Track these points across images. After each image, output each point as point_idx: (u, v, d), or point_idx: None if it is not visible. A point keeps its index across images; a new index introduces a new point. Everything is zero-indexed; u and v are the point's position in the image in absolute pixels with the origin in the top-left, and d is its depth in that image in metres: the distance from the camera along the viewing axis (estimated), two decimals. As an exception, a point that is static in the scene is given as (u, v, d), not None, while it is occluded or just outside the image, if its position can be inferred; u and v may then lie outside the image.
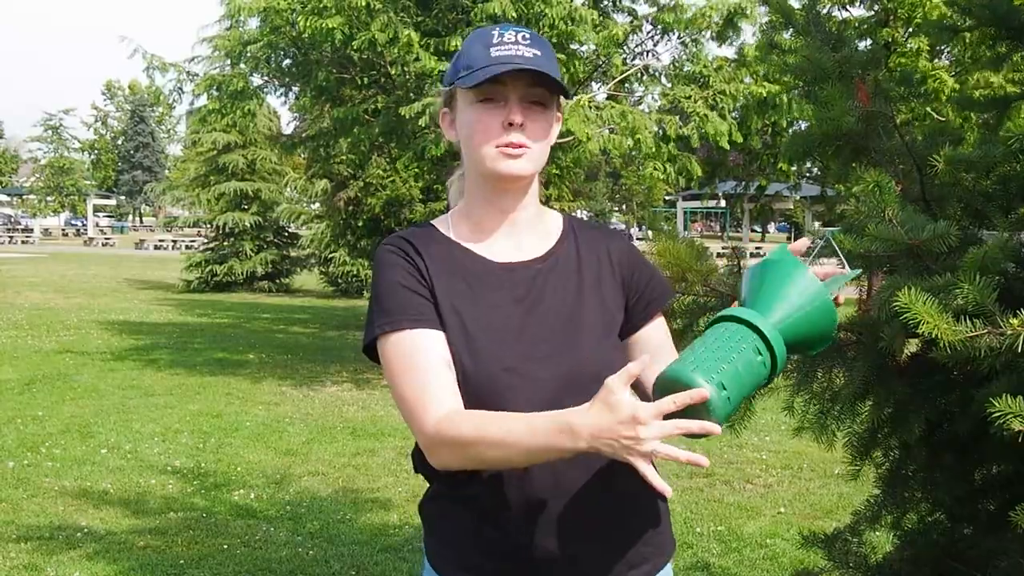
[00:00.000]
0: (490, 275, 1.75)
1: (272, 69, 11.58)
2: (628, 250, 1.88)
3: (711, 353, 1.45)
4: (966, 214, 2.12)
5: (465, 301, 1.71)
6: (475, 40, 1.72)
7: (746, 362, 1.46)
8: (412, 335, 1.66)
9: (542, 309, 1.74)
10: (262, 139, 23.69)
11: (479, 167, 1.73)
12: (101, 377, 10.52)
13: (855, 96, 2.23)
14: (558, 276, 1.78)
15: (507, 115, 1.67)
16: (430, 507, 1.80)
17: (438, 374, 1.64)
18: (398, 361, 1.66)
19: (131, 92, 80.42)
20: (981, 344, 1.61)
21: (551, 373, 1.68)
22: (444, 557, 1.75)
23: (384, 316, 1.69)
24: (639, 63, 13.10)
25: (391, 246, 1.75)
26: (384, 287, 1.71)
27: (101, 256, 39.98)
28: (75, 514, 5.65)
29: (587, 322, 1.75)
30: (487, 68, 1.65)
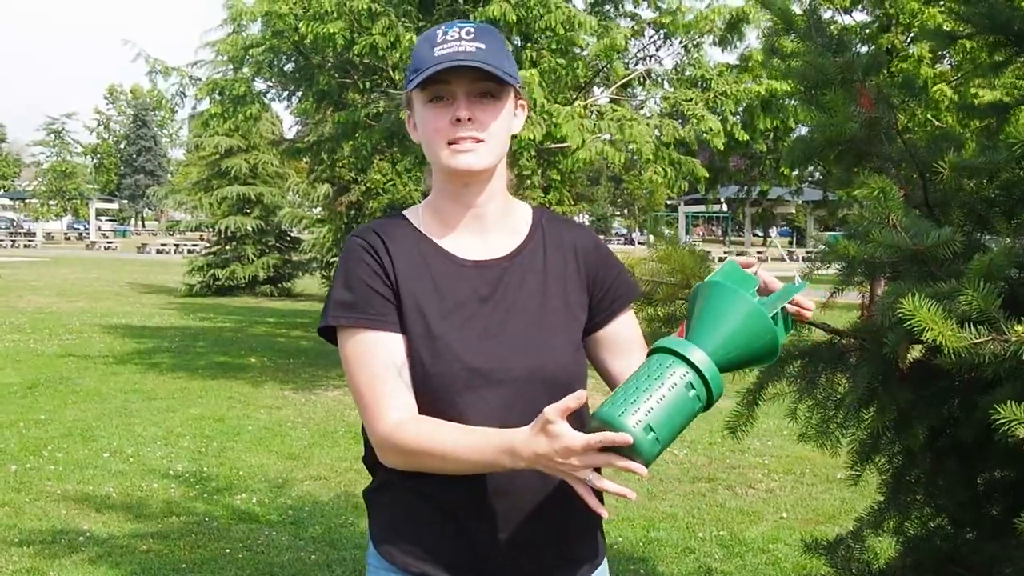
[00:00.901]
0: (457, 273, 1.77)
1: (274, 73, 11.59)
2: (595, 247, 1.89)
3: (643, 393, 1.48)
4: (969, 220, 2.12)
5: (430, 300, 1.73)
6: (422, 42, 1.74)
7: (677, 400, 1.50)
8: (370, 336, 1.70)
9: (506, 308, 1.76)
10: (265, 143, 23.71)
11: (438, 165, 1.76)
12: (103, 381, 10.52)
13: (857, 101, 2.23)
14: (524, 275, 1.80)
15: (454, 112, 1.70)
16: (379, 496, 1.83)
17: (392, 379, 1.68)
18: (356, 359, 1.71)
19: (133, 96, 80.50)
20: (985, 351, 1.61)
21: (513, 375, 1.71)
22: (395, 546, 1.76)
23: (344, 309, 1.72)
24: (641, 67, 13.11)
25: (360, 239, 1.77)
26: (349, 280, 1.74)
27: (103, 260, 40.00)
28: (77, 518, 5.65)
29: (550, 324, 1.78)
30: (429, 68, 1.68)
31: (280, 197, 25.10)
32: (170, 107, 12.22)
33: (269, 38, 10.95)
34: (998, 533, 2.10)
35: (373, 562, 1.82)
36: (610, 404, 1.49)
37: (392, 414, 1.67)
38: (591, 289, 1.85)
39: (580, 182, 20.62)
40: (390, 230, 1.79)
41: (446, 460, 1.62)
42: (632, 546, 5.25)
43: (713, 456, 7.42)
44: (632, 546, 5.25)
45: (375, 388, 1.68)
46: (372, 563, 1.83)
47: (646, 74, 13.26)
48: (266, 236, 25.02)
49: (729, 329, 1.55)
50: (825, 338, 2.22)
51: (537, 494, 1.71)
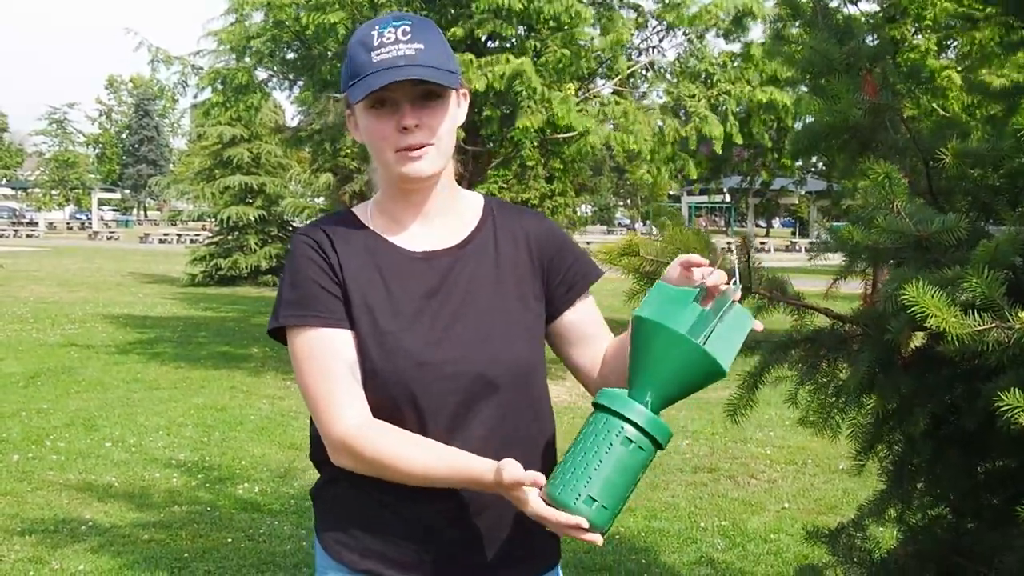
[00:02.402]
0: (405, 266, 1.74)
1: (276, 62, 11.57)
2: (548, 233, 1.85)
3: (580, 463, 1.49)
4: (973, 208, 2.11)
5: (378, 295, 1.71)
6: (357, 44, 1.70)
7: (618, 460, 1.50)
8: (320, 334, 1.68)
9: (459, 300, 1.73)
10: (267, 133, 23.68)
11: (385, 170, 1.75)
12: (105, 370, 10.53)
13: (862, 89, 2.22)
14: (475, 265, 1.77)
15: (399, 119, 1.67)
16: (327, 492, 1.79)
17: (345, 378, 1.66)
18: (306, 359, 1.69)
19: (134, 86, 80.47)
20: (989, 338, 1.60)
21: (466, 368, 1.69)
22: (341, 543, 1.74)
23: (293, 308, 1.71)
24: (644, 59, 13.07)
25: (307, 237, 1.75)
26: (296, 278, 1.72)
27: (105, 250, 40.02)
28: (79, 507, 5.66)
29: (504, 313, 1.75)
30: (369, 78, 1.65)
31: (282, 187, 25.09)
32: (172, 96, 12.21)
33: (271, 28, 10.92)
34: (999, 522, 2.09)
35: (320, 561, 1.79)
36: (552, 481, 1.50)
37: (349, 415, 1.64)
38: (547, 276, 1.82)
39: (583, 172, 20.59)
40: (337, 227, 1.77)
41: (407, 476, 1.61)
42: (634, 536, 5.25)
43: (715, 446, 7.42)
44: (634, 536, 5.25)
45: (329, 388, 1.66)
46: (319, 563, 1.79)
47: (649, 66, 13.23)
48: (268, 226, 25.01)
49: (661, 369, 1.52)
50: (827, 324, 2.22)
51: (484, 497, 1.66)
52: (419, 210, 1.78)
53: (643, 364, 1.54)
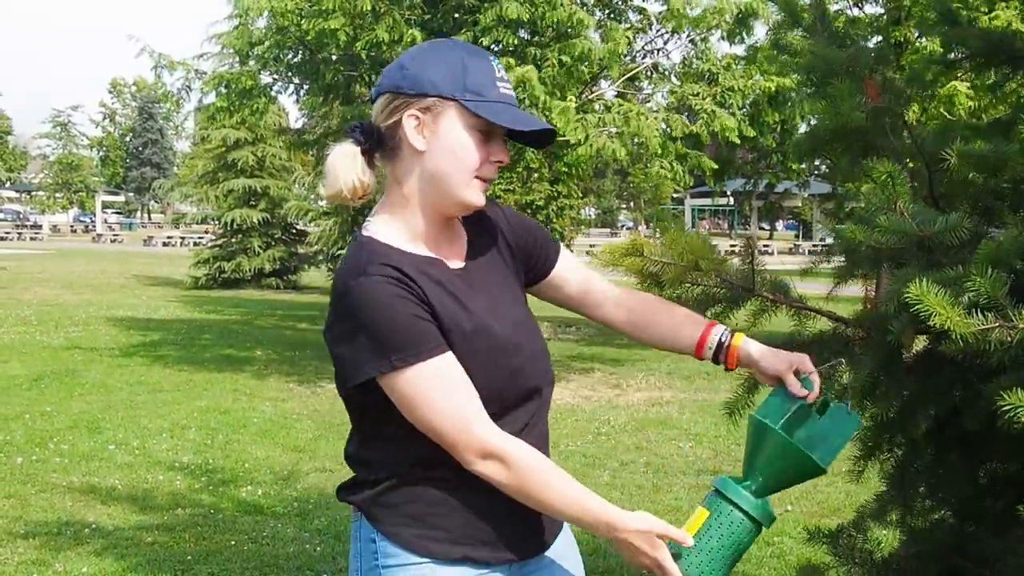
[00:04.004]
0: (459, 282, 1.80)
1: (280, 67, 11.59)
2: (508, 218, 1.97)
3: (716, 561, 1.77)
4: (975, 212, 2.11)
5: (461, 314, 1.76)
6: (476, 61, 1.76)
7: (743, 549, 1.80)
8: (434, 362, 1.69)
9: (498, 303, 1.85)
10: (271, 135, 23.71)
11: (449, 191, 1.77)
12: (109, 373, 10.54)
13: (864, 93, 2.22)
14: (486, 270, 1.89)
15: (499, 154, 1.78)
16: (391, 496, 1.80)
17: (471, 394, 1.71)
18: (433, 388, 1.68)
19: (138, 89, 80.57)
20: (992, 337, 1.60)
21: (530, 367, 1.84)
22: (431, 538, 1.77)
23: (401, 350, 1.67)
24: (648, 61, 13.08)
25: (381, 276, 1.69)
26: (392, 320, 1.68)
27: (109, 252, 40.07)
28: (83, 510, 5.67)
29: (523, 313, 1.91)
30: (507, 108, 1.75)
31: (286, 190, 25.11)
32: (175, 100, 12.22)
33: (274, 33, 10.94)
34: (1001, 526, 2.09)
35: (397, 560, 1.78)
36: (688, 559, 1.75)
37: (490, 426, 1.70)
38: (525, 258, 1.97)
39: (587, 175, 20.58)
40: (396, 259, 1.74)
41: (543, 501, 1.71)
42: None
43: (718, 449, 7.42)
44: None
45: (461, 405, 1.69)
46: (397, 563, 1.78)
47: (653, 68, 13.24)
48: (272, 229, 25.04)
49: (768, 462, 1.80)
50: (830, 327, 2.22)
51: None
52: (450, 228, 1.86)
53: (752, 462, 1.83)
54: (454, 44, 1.80)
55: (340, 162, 1.80)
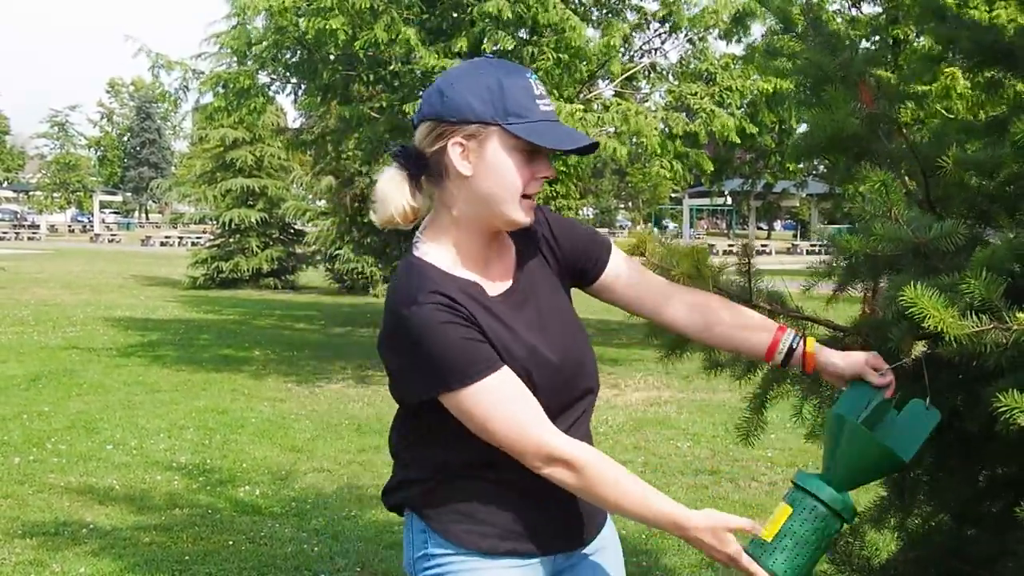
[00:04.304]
0: (504, 304, 1.86)
1: (279, 66, 11.58)
2: (557, 224, 2.00)
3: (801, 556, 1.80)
4: (971, 216, 2.11)
5: (507, 337, 1.82)
6: (514, 82, 1.79)
7: (828, 544, 1.84)
8: (497, 379, 1.76)
9: (546, 316, 1.90)
10: (269, 135, 23.71)
11: (498, 211, 1.82)
12: (107, 373, 10.53)
13: (858, 98, 2.22)
14: (534, 282, 1.93)
15: (545, 170, 1.82)
16: (443, 493, 1.87)
17: (534, 402, 1.78)
18: (495, 403, 1.75)
19: (136, 89, 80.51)
20: (987, 339, 1.61)
21: (568, 373, 1.88)
22: (480, 533, 1.84)
23: (462, 371, 1.74)
24: (646, 60, 13.09)
25: (432, 304, 1.76)
26: (446, 344, 1.75)
27: (107, 252, 40.04)
28: (80, 510, 5.66)
29: (571, 322, 1.95)
30: (549, 127, 1.78)
31: (284, 189, 25.10)
32: (173, 100, 12.22)
33: (272, 32, 10.93)
34: (1000, 529, 2.10)
35: (447, 559, 1.86)
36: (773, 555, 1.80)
37: (557, 432, 1.77)
38: (572, 262, 1.99)
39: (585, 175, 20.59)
40: (444, 284, 1.80)
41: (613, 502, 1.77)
42: (635, 539, 5.25)
43: (716, 449, 7.42)
44: (635, 539, 5.25)
45: (527, 413, 1.76)
46: (447, 561, 1.86)
47: (651, 67, 13.25)
48: (270, 229, 25.04)
49: (849, 461, 1.83)
50: (828, 335, 2.22)
51: None
52: (497, 248, 1.91)
53: (831, 458, 1.86)
54: (489, 64, 1.83)
55: (389, 189, 1.87)
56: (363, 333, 15.26)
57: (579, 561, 1.97)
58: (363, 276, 22.01)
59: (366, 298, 21.63)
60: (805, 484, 1.82)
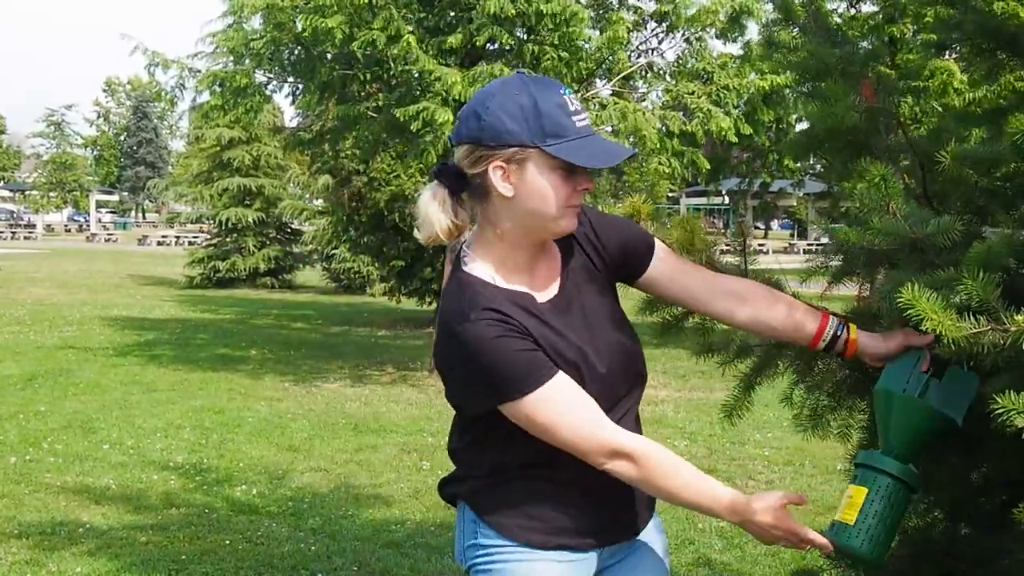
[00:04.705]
0: (553, 311, 1.91)
1: (276, 65, 11.55)
2: (600, 224, 2.02)
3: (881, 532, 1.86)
4: (968, 211, 2.11)
5: (559, 343, 1.87)
6: (548, 101, 1.82)
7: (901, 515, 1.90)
8: (555, 385, 1.81)
9: (593, 320, 1.94)
10: (266, 134, 23.69)
11: (547, 225, 1.87)
12: (103, 373, 10.52)
13: (858, 92, 2.22)
14: (580, 285, 1.97)
15: (584, 182, 1.86)
16: (495, 490, 1.93)
17: (590, 402, 1.83)
18: (556, 411, 1.81)
19: (132, 88, 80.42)
20: (984, 340, 1.60)
21: (618, 370, 1.94)
22: (532, 528, 1.90)
23: (520, 381, 1.80)
24: (643, 60, 13.08)
25: (486, 321, 1.81)
26: (503, 357, 1.80)
27: (104, 252, 40.01)
28: (77, 510, 5.65)
29: (615, 321, 1.98)
30: (587, 144, 1.82)
31: (281, 189, 25.09)
32: (170, 99, 12.18)
33: (270, 31, 10.90)
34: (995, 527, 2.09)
35: (496, 550, 1.92)
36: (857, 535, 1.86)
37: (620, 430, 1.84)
38: (616, 260, 2.01)
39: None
40: (494, 299, 1.85)
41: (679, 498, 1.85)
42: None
43: (713, 447, 7.43)
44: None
45: (589, 413, 1.82)
46: (496, 551, 1.92)
47: (648, 67, 13.24)
48: (267, 228, 25.03)
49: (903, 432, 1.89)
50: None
51: None
52: (544, 255, 1.95)
53: (887, 426, 1.91)
54: (523, 83, 1.85)
55: (432, 208, 1.91)
56: (360, 332, 15.25)
57: (627, 553, 2.04)
58: (360, 275, 22.00)
59: (363, 297, 21.62)
60: (873, 462, 1.87)
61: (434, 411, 8.58)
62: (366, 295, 21.83)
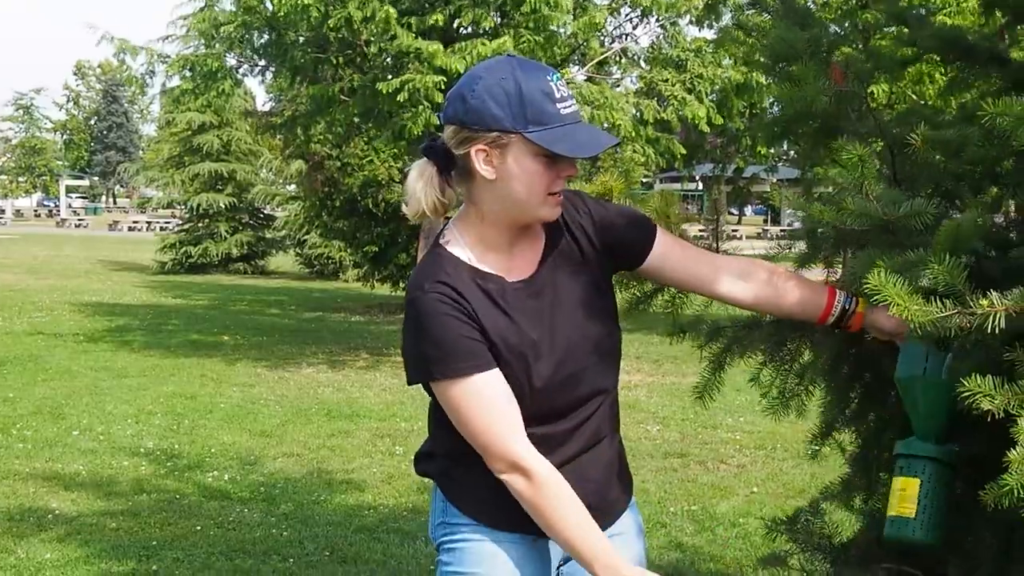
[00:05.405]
0: (518, 296, 1.90)
1: (246, 48, 11.46)
2: (598, 212, 2.01)
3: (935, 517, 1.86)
4: (937, 194, 2.12)
5: (509, 329, 1.87)
6: (533, 86, 1.81)
7: (949, 497, 1.89)
8: (480, 379, 1.82)
9: (558, 312, 1.92)
10: (238, 118, 23.53)
11: (526, 211, 1.87)
12: (73, 359, 10.43)
13: (828, 75, 2.22)
14: (560, 273, 1.95)
15: (567, 169, 1.86)
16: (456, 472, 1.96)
17: (508, 412, 1.83)
18: (472, 404, 1.83)
19: (103, 72, 79.58)
20: (951, 324, 1.61)
21: (580, 375, 1.93)
22: (496, 509, 1.91)
23: (447, 363, 1.82)
24: (617, 46, 13.08)
25: (436, 294, 1.83)
26: (441, 335, 1.82)
27: (74, 237, 39.65)
28: (46, 496, 5.61)
29: (588, 311, 1.95)
30: (570, 132, 1.81)
31: (253, 174, 24.95)
32: (140, 84, 12.08)
33: (241, 14, 10.81)
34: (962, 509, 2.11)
35: (460, 530, 1.96)
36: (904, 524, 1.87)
37: (523, 444, 1.83)
38: (613, 248, 1.99)
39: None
40: (452, 274, 1.86)
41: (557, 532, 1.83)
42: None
43: (685, 432, 7.46)
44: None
45: (498, 423, 1.83)
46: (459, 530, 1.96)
47: (622, 52, 13.24)
48: (239, 213, 24.89)
49: (932, 414, 1.89)
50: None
51: (596, 455, 1.99)
52: (523, 238, 1.94)
53: (915, 411, 1.91)
54: (510, 66, 1.84)
55: (419, 184, 1.92)
56: (334, 318, 15.20)
57: None
58: (333, 261, 21.93)
59: (336, 283, 21.55)
60: (916, 451, 1.89)
61: (408, 396, 8.57)
62: (339, 281, 21.76)
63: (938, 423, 1.88)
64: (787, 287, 2.03)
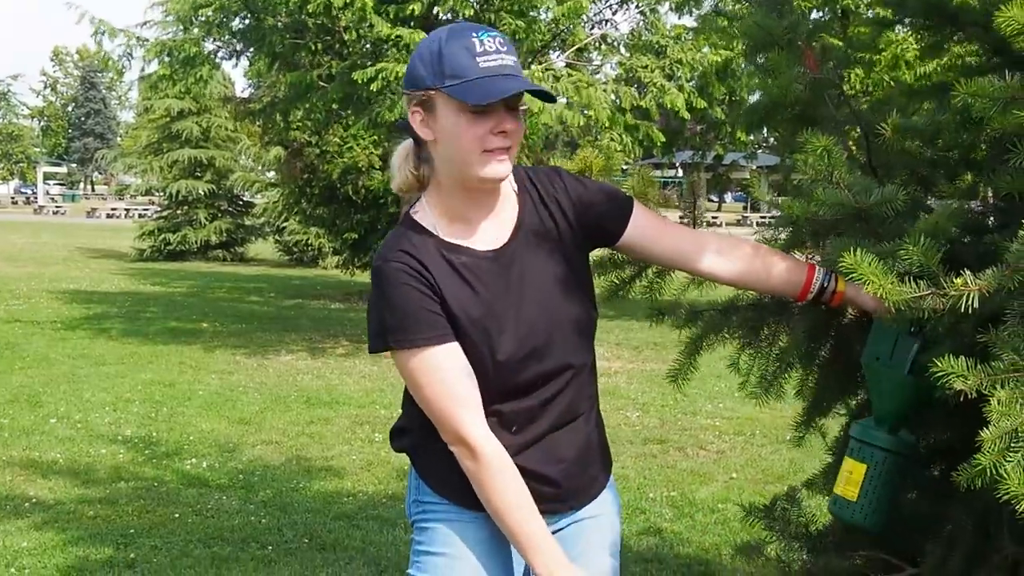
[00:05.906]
0: (484, 267, 1.89)
1: (224, 32, 11.37)
2: (575, 188, 1.99)
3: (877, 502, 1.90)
4: (912, 181, 2.13)
5: (472, 303, 1.86)
6: (455, 44, 1.80)
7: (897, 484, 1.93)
8: (434, 351, 1.83)
9: (527, 286, 1.91)
10: (216, 105, 23.38)
11: (465, 171, 1.84)
12: (51, 346, 10.37)
13: (803, 63, 2.22)
14: (531, 246, 1.94)
15: (499, 123, 1.80)
16: (427, 448, 1.96)
17: (464, 386, 1.84)
18: (427, 375, 1.84)
19: (80, 58, 78.91)
20: (925, 305, 1.62)
21: (545, 350, 1.92)
22: (465, 488, 1.89)
23: (404, 332, 1.84)
24: (597, 32, 13.06)
25: (398, 263, 1.84)
26: (397, 304, 1.84)
27: (52, 224, 39.35)
28: (23, 484, 5.57)
29: (559, 287, 1.94)
30: (484, 83, 1.76)
31: (232, 160, 24.80)
32: (117, 69, 11.97)
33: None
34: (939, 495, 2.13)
35: (430, 507, 1.99)
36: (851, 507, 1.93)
37: (477, 422, 1.84)
38: (589, 226, 1.98)
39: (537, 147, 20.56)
40: (416, 245, 1.87)
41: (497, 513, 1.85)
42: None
43: (665, 418, 7.49)
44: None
45: (453, 397, 1.84)
46: (430, 507, 1.99)
47: (602, 39, 13.22)
48: (218, 200, 24.75)
49: (892, 399, 1.91)
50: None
51: (571, 432, 1.99)
52: (485, 207, 1.92)
53: (878, 394, 1.93)
54: (445, 28, 1.86)
55: (398, 160, 1.96)
56: (314, 305, 15.15)
57: (567, 526, 2.03)
58: (312, 248, 21.86)
59: (316, 270, 21.49)
60: (866, 438, 1.91)
61: (387, 384, 8.56)
62: (319, 268, 21.69)
63: (896, 409, 1.90)
64: (766, 263, 2.03)
